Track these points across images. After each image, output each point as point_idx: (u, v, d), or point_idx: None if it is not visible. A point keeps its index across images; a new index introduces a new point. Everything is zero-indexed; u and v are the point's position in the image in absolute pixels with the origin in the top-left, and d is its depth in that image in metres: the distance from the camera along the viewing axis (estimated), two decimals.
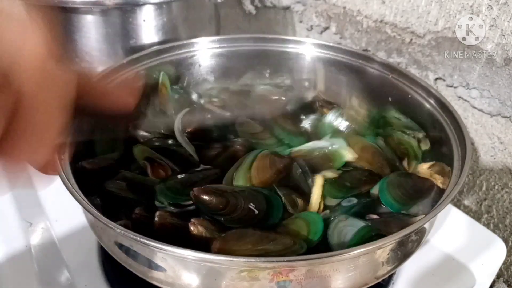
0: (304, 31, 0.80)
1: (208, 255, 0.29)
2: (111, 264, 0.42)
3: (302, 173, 0.41)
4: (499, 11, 0.48)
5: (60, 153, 0.37)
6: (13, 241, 0.45)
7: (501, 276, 0.59)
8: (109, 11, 0.56)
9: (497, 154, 0.55)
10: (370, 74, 0.54)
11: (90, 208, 0.32)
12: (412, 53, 0.60)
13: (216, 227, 0.35)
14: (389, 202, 0.39)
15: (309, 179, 0.41)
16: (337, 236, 0.36)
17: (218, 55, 0.59)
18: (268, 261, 0.29)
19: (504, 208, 0.56)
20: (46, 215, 0.48)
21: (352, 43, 0.70)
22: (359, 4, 0.66)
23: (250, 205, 0.36)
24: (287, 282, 0.31)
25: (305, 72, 0.60)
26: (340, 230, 0.36)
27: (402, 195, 0.40)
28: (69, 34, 0.58)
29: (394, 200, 0.39)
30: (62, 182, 0.34)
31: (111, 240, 0.35)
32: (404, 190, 0.40)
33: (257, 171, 0.40)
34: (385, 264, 0.34)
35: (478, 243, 0.47)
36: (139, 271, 0.34)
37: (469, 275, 0.44)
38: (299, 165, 0.42)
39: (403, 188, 0.41)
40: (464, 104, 0.56)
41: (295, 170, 0.41)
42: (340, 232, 0.36)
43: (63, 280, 0.42)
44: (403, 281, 0.43)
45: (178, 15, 0.61)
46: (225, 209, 0.36)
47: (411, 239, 0.36)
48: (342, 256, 0.30)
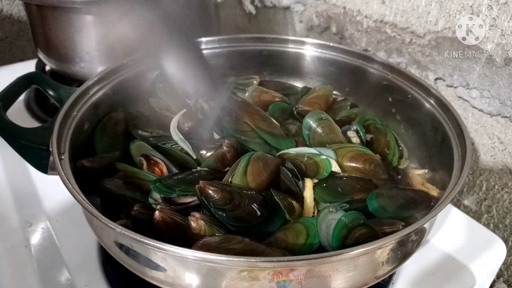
0: (304, 31, 0.80)
1: (208, 255, 0.28)
2: (111, 264, 0.42)
3: (291, 176, 0.41)
4: (499, 11, 0.48)
5: (60, 153, 0.38)
6: (13, 240, 0.45)
7: (501, 276, 0.59)
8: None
9: (497, 154, 0.55)
10: (370, 74, 0.54)
11: (90, 208, 0.32)
12: (412, 53, 0.60)
13: (216, 223, 0.35)
14: (377, 210, 0.38)
15: (299, 182, 0.41)
16: (325, 227, 0.36)
17: (218, 55, 0.59)
18: (268, 261, 0.29)
19: (504, 208, 0.56)
20: (46, 215, 0.48)
21: (352, 43, 0.70)
22: (359, 4, 0.66)
23: (253, 206, 0.36)
24: (287, 282, 0.31)
25: (304, 72, 0.60)
26: (328, 222, 0.37)
27: (392, 205, 0.39)
28: (69, 34, 0.58)
29: (382, 208, 0.39)
30: (62, 182, 0.34)
31: (111, 240, 0.35)
32: (395, 200, 0.40)
33: (253, 176, 0.40)
34: (385, 264, 0.34)
35: (478, 243, 0.47)
36: (139, 271, 0.34)
37: (469, 275, 0.44)
38: (287, 168, 0.42)
39: (394, 197, 0.40)
40: (464, 104, 0.56)
41: (284, 173, 0.41)
42: (329, 224, 0.36)
43: (63, 280, 0.42)
44: (403, 281, 0.43)
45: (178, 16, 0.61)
46: (229, 205, 0.36)
47: (411, 239, 0.36)
48: (342, 256, 0.30)
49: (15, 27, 0.91)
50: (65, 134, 0.41)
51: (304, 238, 0.36)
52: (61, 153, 0.38)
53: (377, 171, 0.43)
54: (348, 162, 0.43)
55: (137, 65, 0.53)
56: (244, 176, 0.39)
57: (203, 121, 0.49)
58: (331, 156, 0.43)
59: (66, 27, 0.57)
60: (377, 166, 0.43)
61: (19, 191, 0.51)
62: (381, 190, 0.41)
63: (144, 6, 0.41)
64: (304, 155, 0.43)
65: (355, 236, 0.35)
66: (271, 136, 0.46)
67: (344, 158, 0.43)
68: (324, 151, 0.43)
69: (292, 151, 0.44)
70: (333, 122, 0.48)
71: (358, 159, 0.43)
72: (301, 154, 0.43)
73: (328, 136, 0.46)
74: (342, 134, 0.47)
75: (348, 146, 0.45)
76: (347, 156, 0.43)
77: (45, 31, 0.60)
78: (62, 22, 0.57)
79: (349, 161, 0.43)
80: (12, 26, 0.90)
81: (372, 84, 0.54)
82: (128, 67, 0.52)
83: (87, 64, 0.60)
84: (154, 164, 0.42)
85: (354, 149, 0.44)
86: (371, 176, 0.43)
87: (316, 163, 0.42)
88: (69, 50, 0.60)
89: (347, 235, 0.35)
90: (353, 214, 0.37)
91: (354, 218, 0.36)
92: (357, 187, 0.41)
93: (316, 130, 0.46)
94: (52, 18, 0.58)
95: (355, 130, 0.48)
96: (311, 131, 0.47)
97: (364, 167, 0.43)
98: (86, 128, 0.45)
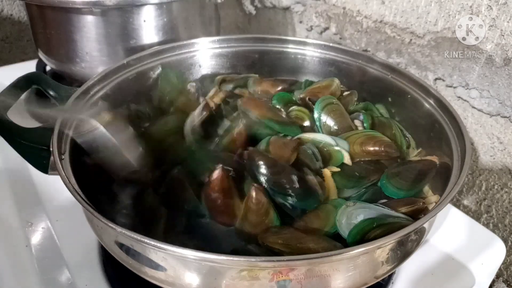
0: (304, 32, 0.80)
1: (208, 255, 0.29)
2: (112, 264, 0.42)
3: (312, 154, 0.43)
4: (498, 12, 0.48)
5: (61, 153, 0.38)
6: (14, 240, 0.45)
7: (500, 275, 0.59)
8: (110, 11, 0.56)
9: (497, 154, 0.55)
10: (369, 74, 0.54)
11: (90, 207, 0.32)
12: (411, 53, 0.60)
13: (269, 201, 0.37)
14: (393, 192, 0.40)
15: (319, 161, 0.42)
16: (346, 220, 0.37)
17: (218, 55, 0.60)
18: (268, 260, 0.30)
19: (503, 208, 0.56)
20: (46, 214, 0.48)
21: (352, 44, 0.70)
22: (358, 4, 0.66)
23: (292, 177, 0.38)
24: (287, 282, 0.31)
25: (304, 72, 0.60)
26: (349, 214, 0.37)
27: (404, 182, 0.41)
28: (70, 34, 0.58)
29: (397, 189, 0.40)
30: (63, 181, 0.34)
31: (112, 239, 0.35)
32: (405, 176, 0.41)
33: (276, 151, 0.42)
34: (384, 263, 0.34)
35: (478, 243, 0.47)
36: (140, 270, 0.34)
37: (468, 274, 0.44)
38: (308, 147, 0.43)
39: (403, 175, 0.41)
40: (464, 104, 0.56)
41: (305, 152, 0.43)
42: (350, 215, 0.37)
43: (63, 280, 0.42)
44: (402, 281, 0.43)
45: (178, 16, 0.61)
46: (271, 168, 0.38)
47: (411, 238, 0.36)
48: (341, 256, 0.30)
49: (15, 27, 0.91)
50: (66, 134, 0.41)
51: (332, 219, 0.37)
52: (61, 153, 0.38)
53: (388, 150, 0.44)
54: (360, 147, 0.44)
55: (138, 65, 0.53)
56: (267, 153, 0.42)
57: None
58: (344, 148, 0.44)
59: (67, 27, 0.58)
60: (387, 146, 0.44)
61: (20, 191, 0.51)
62: (390, 170, 0.42)
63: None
64: (320, 142, 0.44)
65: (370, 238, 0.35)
66: (277, 124, 0.47)
67: (355, 144, 0.45)
68: (339, 141, 0.44)
69: (308, 135, 0.45)
70: (342, 106, 0.49)
71: (368, 143, 0.44)
72: (317, 141, 0.45)
73: (339, 121, 0.48)
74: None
75: (357, 132, 0.47)
76: (358, 142, 0.45)
77: (46, 31, 0.61)
78: (62, 22, 0.58)
79: (361, 145, 0.44)
80: (12, 26, 0.91)
81: (372, 84, 0.54)
82: (128, 67, 0.52)
83: (88, 64, 0.60)
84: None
85: (363, 134, 0.46)
86: (383, 157, 0.44)
87: (329, 153, 0.44)
88: (70, 50, 0.60)
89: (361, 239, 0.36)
90: (365, 221, 0.37)
91: (367, 224, 0.36)
92: (371, 169, 0.43)
93: (326, 115, 0.48)
94: (52, 18, 0.58)
95: (361, 120, 0.50)
96: (322, 116, 0.48)
97: (375, 149, 0.44)
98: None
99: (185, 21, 0.62)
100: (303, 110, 0.50)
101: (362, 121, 0.49)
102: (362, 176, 0.42)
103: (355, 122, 0.49)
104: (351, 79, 0.56)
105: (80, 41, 0.58)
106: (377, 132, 0.46)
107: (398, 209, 0.37)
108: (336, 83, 0.54)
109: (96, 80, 0.47)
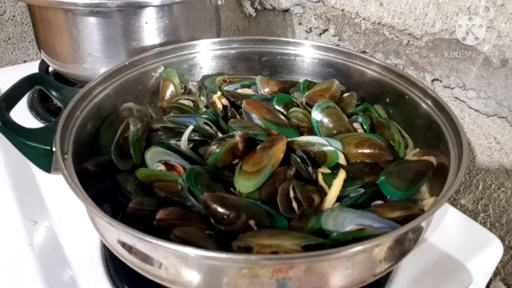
0: (303, 33, 0.81)
1: (209, 253, 0.29)
2: (114, 262, 0.42)
3: (301, 161, 0.42)
4: (496, 13, 0.49)
5: (63, 153, 0.38)
6: (17, 239, 0.46)
7: (497, 274, 0.60)
8: (111, 13, 0.56)
9: (494, 154, 0.55)
10: (368, 75, 0.55)
11: (93, 206, 0.33)
12: (409, 54, 0.61)
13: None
14: (392, 192, 0.40)
15: (309, 168, 0.42)
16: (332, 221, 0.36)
17: (219, 57, 0.60)
18: (268, 258, 0.30)
19: (500, 207, 0.57)
20: (49, 214, 0.49)
21: (350, 45, 0.71)
22: (357, 6, 0.66)
23: (250, 222, 0.36)
24: (287, 279, 0.31)
25: (303, 73, 0.61)
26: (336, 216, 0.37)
27: (402, 182, 0.41)
28: (72, 35, 0.59)
29: (395, 189, 0.41)
30: (66, 181, 0.34)
31: (114, 238, 0.35)
32: (403, 176, 0.42)
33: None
34: (382, 261, 0.35)
35: (475, 242, 0.48)
36: (142, 269, 0.34)
37: (466, 273, 0.45)
38: (297, 155, 0.43)
39: (402, 174, 0.42)
40: (461, 105, 0.57)
41: (295, 159, 0.43)
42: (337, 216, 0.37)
43: (66, 279, 0.42)
44: (400, 279, 0.43)
45: (180, 17, 0.61)
46: (227, 219, 0.36)
47: (408, 237, 0.36)
48: (340, 254, 0.30)
49: (18, 28, 0.91)
50: (68, 134, 0.41)
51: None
52: (64, 153, 0.38)
53: (382, 153, 0.45)
54: (354, 148, 0.45)
55: (140, 67, 0.53)
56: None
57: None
58: (339, 148, 0.44)
59: (69, 28, 0.58)
60: (382, 149, 0.45)
61: (23, 191, 0.52)
62: (388, 169, 0.43)
63: None
64: (314, 144, 0.45)
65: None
66: (276, 126, 0.47)
67: (350, 145, 0.45)
68: (333, 142, 0.45)
69: (302, 138, 0.46)
70: (340, 110, 0.50)
71: (363, 144, 0.45)
72: (311, 143, 0.45)
73: (336, 123, 0.48)
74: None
75: (353, 134, 0.47)
76: (352, 143, 0.45)
77: (48, 33, 0.61)
78: (65, 24, 0.58)
79: (355, 147, 0.45)
80: (15, 27, 0.91)
81: (370, 85, 0.55)
82: (130, 68, 0.52)
83: (90, 65, 0.61)
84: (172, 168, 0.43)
85: (359, 136, 0.46)
86: (377, 159, 0.45)
87: (324, 153, 0.44)
88: (72, 51, 0.60)
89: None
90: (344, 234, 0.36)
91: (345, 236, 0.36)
92: (366, 171, 0.43)
93: (324, 118, 0.49)
94: (55, 19, 0.59)
95: (360, 122, 0.50)
96: (320, 119, 0.49)
97: (370, 151, 0.45)
98: (89, 128, 0.46)
99: (186, 23, 0.63)
100: (302, 112, 0.51)
101: (361, 123, 0.50)
102: (356, 177, 0.42)
103: (354, 125, 0.50)
104: (349, 80, 0.57)
105: (83, 42, 0.59)
106: (373, 135, 0.47)
107: (391, 213, 0.37)
108: (336, 85, 0.55)
109: (98, 81, 0.48)
